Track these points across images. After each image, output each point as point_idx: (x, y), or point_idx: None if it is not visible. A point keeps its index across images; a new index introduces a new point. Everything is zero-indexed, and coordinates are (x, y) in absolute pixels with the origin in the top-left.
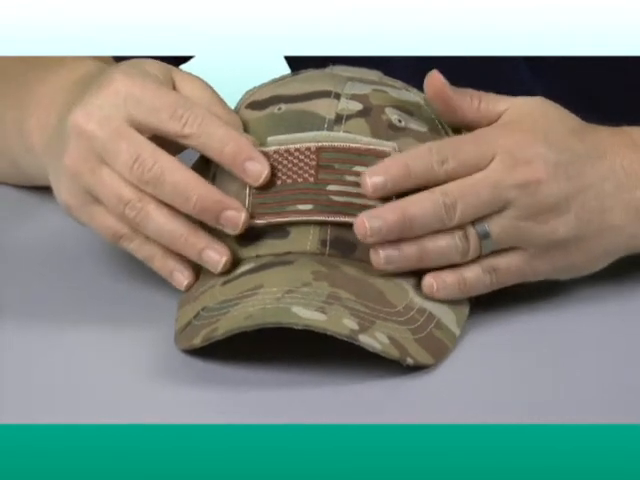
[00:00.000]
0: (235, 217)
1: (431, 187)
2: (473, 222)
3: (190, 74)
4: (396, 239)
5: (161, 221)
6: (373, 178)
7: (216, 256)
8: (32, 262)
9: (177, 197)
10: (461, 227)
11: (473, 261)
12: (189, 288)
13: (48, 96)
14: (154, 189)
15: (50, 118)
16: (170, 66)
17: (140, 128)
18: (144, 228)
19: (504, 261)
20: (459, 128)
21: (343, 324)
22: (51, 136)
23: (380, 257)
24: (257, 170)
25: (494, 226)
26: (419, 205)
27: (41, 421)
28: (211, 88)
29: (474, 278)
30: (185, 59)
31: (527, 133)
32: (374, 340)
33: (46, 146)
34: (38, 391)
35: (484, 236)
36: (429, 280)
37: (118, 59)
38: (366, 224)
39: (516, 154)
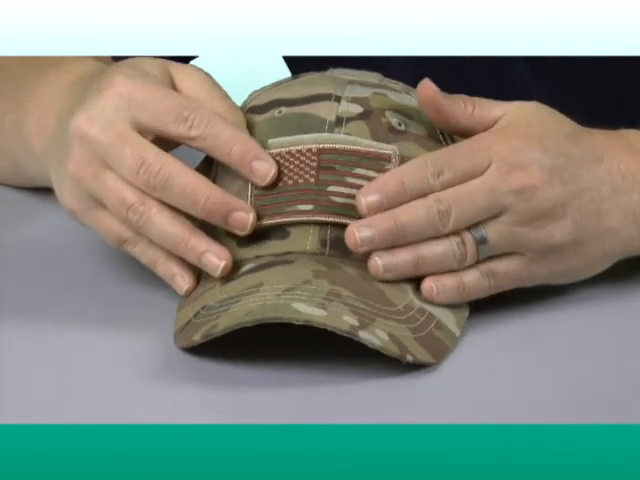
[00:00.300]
0: (244, 218)
1: None
2: (469, 228)
3: (187, 66)
4: (389, 247)
5: (164, 224)
6: (368, 197)
7: (215, 260)
8: (32, 262)
9: (185, 200)
10: (457, 233)
11: (472, 265)
12: (189, 293)
13: (47, 98)
14: (161, 193)
15: (49, 120)
16: (166, 61)
17: (143, 131)
18: (147, 231)
19: (502, 265)
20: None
21: (343, 320)
22: (51, 138)
23: (378, 265)
24: (264, 170)
25: (491, 231)
26: (412, 212)
27: (41, 421)
28: (210, 78)
29: (473, 282)
30: (185, 59)
31: (522, 138)
32: (374, 337)
33: (46, 148)
34: (38, 391)
35: (481, 241)
36: (429, 284)
37: (118, 59)
38: (356, 235)
39: (511, 160)
